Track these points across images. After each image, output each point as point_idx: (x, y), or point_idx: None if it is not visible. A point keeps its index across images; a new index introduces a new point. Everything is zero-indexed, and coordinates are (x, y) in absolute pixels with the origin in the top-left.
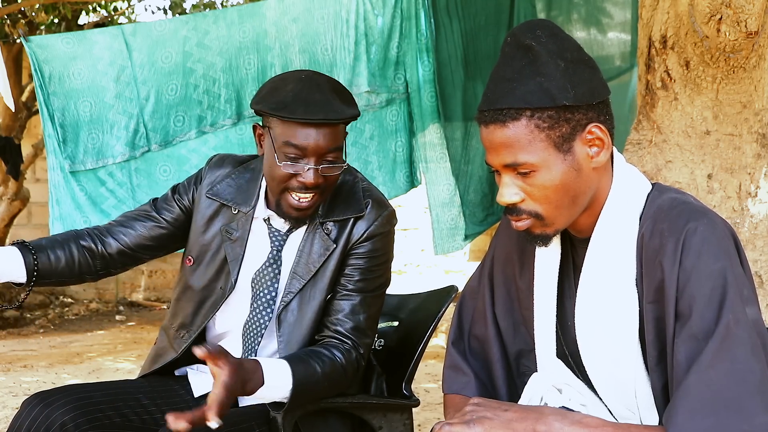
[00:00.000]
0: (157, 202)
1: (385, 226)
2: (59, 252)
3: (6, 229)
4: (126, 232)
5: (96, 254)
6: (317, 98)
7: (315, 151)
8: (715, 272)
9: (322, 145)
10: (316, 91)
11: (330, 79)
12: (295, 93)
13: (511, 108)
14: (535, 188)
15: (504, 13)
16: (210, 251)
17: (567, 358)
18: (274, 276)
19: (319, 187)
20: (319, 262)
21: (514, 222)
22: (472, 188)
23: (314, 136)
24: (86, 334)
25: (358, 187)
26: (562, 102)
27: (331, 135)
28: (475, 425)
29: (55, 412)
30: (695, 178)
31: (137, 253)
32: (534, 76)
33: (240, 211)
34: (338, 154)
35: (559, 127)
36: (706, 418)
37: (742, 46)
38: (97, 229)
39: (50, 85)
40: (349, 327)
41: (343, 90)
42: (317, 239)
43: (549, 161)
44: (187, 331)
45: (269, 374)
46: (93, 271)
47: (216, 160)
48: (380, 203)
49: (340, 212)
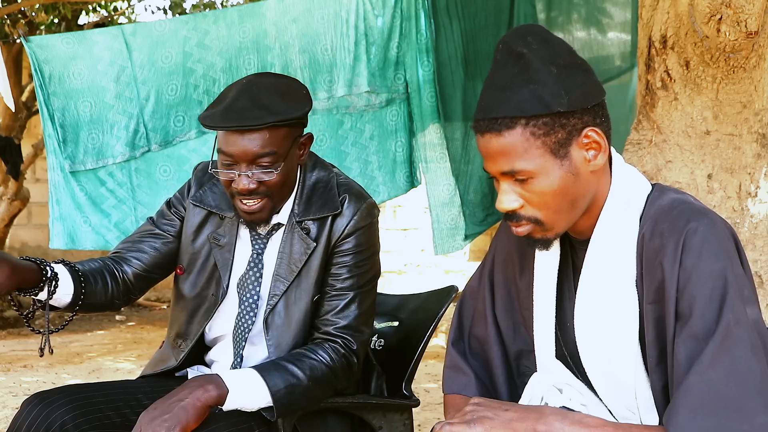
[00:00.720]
0: (156, 220)
1: (366, 219)
2: (98, 277)
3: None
4: (139, 257)
5: (119, 281)
6: (241, 104)
7: (243, 157)
8: (716, 272)
9: (250, 150)
10: (246, 96)
11: (276, 80)
12: (228, 101)
13: (506, 117)
14: (533, 194)
15: (504, 13)
16: (200, 259)
17: (566, 359)
18: (256, 280)
19: (257, 192)
20: (300, 262)
21: (514, 228)
22: (472, 188)
23: (239, 142)
24: (86, 334)
25: (333, 182)
26: (557, 108)
27: (259, 140)
28: (475, 425)
29: (55, 412)
30: (695, 178)
31: (152, 274)
32: (527, 83)
33: (226, 216)
34: (272, 159)
35: (554, 134)
36: (706, 418)
37: (742, 46)
38: (111, 258)
39: (50, 85)
40: (339, 326)
41: (291, 90)
42: (296, 239)
43: (546, 167)
44: (184, 341)
45: (231, 380)
46: (120, 297)
47: (200, 167)
48: (358, 196)
49: (317, 210)
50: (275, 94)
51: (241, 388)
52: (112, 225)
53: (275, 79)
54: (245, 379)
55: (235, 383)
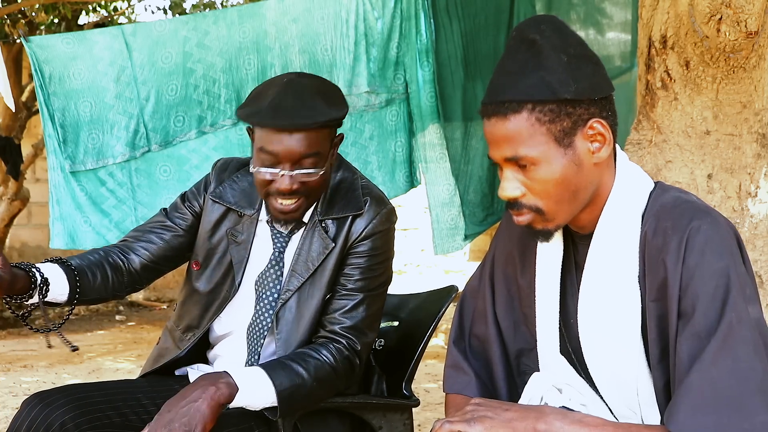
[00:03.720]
0: (169, 212)
1: (385, 224)
2: (96, 270)
3: (6, 229)
4: (147, 247)
5: (123, 271)
6: (290, 103)
7: (288, 157)
8: (719, 271)
9: (296, 151)
10: (291, 95)
11: (316, 82)
12: (271, 98)
13: (513, 101)
14: (535, 182)
15: (504, 14)
16: (217, 255)
17: (569, 355)
18: (276, 278)
19: (297, 192)
20: (318, 260)
21: (515, 217)
22: (472, 188)
23: (286, 142)
24: (86, 334)
25: (357, 184)
26: (564, 96)
27: (305, 140)
28: (475, 424)
29: (55, 412)
30: (695, 178)
31: (159, 265)
32: (536, 69)
33: (245, 214)
34: (316, 160)
35: (560, 121)
36: (707, 416)
37: (742, 46)
38: (118, 246)
39: (50, 86)
40: (345, 326)
41: (329, 91)
42: (316, 237)
43: (549, 155)
44: (194, 334)
45: (240, 378)
46: (123, 288)
47: (220, 164)
48: (379, 201)
49: (339, 210)
50: (318, 95)
51: (249, 386)
52: (112, 225)
53: (316, 80)
54: (253, 377)
55: (244, 381)
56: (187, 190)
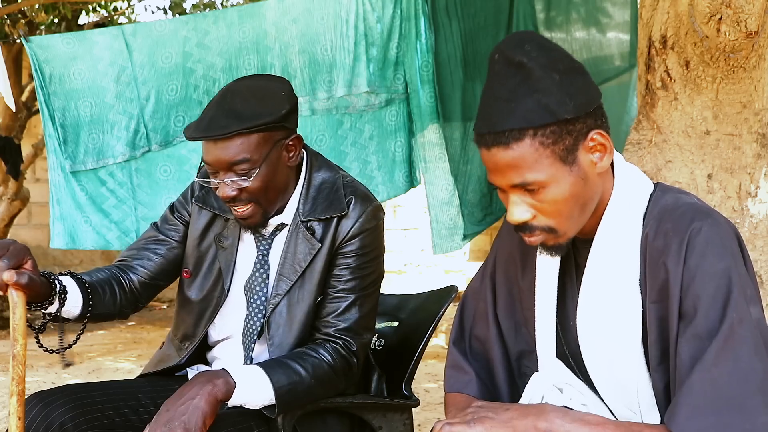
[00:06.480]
0: (160, 225)
1: (371, 221)
2: (105, 286)
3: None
4: (144, 264)
5: (126, 289)
6: (212, 113)
7: (218, 165)
8: (720, 272)
9: (223, 159)
10: (217, 105)
11: (253, 84)
12: (206, 109)
13: (513, 129)
14: (545, 204)
15: (503, 14)
16: (206, 262)
17: (568, 358)
18: (263, 281)
19: (240, 199)
20: (305, 262)
21: (527, 238)
22: (471, 188)
23: (212, 151)
24: (86, 334)
25: (340, 183)
26: (563, 116)
27: (231, 148)
28: (475, 424)
29: (55, 412)
30: (695, 178)
31: (158, 281)
32: (531, 93)
33: (230, 219)
34: (248, 165)
35: (562, 141)
36: (708, 417)
37: (742, 46)
38: (117, 266)
39: (50, 86)
40: (340, 328)
41: (266, 94)
42: (301, 239)
43: (557, 176)
44: (191, 342)
45: (238, 375)
46: (128, 305)
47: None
48: (364, 198)
49: (323, 211)
50: (250, 99)
51: (246, 383)
52: (112, 225)
53: (252, 82)
54: (250, 374)
55: (241, 378)
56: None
